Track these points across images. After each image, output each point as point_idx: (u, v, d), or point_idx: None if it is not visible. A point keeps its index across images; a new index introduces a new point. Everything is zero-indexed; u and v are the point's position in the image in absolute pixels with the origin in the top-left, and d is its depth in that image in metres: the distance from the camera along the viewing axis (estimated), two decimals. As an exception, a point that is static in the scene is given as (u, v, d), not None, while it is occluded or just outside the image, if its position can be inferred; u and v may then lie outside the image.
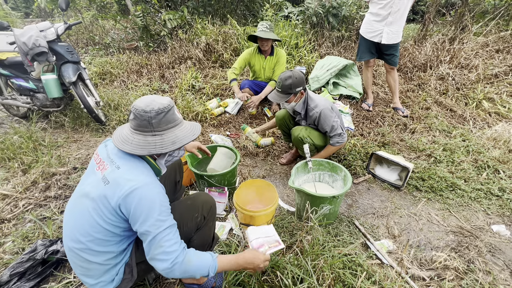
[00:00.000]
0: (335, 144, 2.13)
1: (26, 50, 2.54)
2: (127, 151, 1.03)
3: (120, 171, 1.01)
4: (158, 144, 1.04)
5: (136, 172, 1.02)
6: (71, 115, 3.24)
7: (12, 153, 2.47)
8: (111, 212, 1.00)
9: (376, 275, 1.36)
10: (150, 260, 1.01)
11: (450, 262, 1.50)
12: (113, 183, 0.99)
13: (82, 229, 1.02)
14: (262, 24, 2.95)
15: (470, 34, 4.16)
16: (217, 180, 1.93)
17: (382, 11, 2.78)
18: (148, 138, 1.04)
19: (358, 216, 1.91)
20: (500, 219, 1.88)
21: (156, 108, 1.02)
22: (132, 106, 1.05)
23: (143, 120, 1.02)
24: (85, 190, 1.07)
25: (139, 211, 0.97)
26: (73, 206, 1.10)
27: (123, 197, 0.97)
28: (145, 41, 5.05)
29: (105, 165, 1.06)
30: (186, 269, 1.01)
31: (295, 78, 1.98)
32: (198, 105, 3.28)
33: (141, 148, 1.03)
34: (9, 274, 1.38)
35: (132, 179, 0.99)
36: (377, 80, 3.93)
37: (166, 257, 0.97)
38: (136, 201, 0.96)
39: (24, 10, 10.62)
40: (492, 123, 2.96)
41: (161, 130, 1.05)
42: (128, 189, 0.97)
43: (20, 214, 1.93)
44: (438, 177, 2.18)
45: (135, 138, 1.05)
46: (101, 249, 1.04)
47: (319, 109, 2.05)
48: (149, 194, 0.99)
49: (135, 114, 1.03)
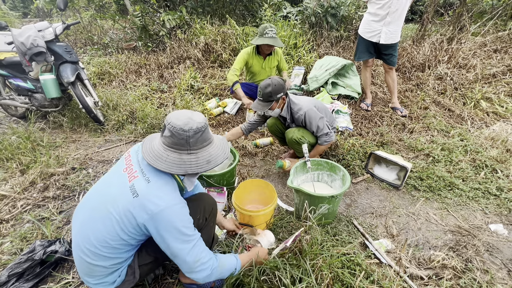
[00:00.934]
0: (323, 144, 2.14)
1: (24, 50, 2.53)
2: (161, 169, 1.01)
3: (150, 186, 1.00)
4: (193, 163, 1.04)
5: (165, 190, 1.02)
6: (70, 115, 3.23)
7: (10, 154, 2.47)
8: (134, 227, 1.00)
9: (375, 274, 1.37)
10: (189, 274, 1.06)
11: (448, 261, 1.51)
12: (142, 198, 0.98)
13: (99, 235, 1.02)
14: (271, 30, 2.84)
15: (468, 34, 4.18)
16: (216, 180, 1.93)
17: (380, 11, 2.79)
18: (183, 156, 1.03)
19: (356, 216, 1.92)
20: (498, 218, 1.88)
21: (195, 128, 1.01)
22: (168, 123, 1.02)
23: (181, 139, 1.01)
24: (110, 192, 1.05)
25: (169, 232, 0.99)
26: (94, 205, 1.08)
27: (151, 216, 0.97)
28: (143, 41, 5.04)
29: (134, 172, 1.05)
30: (221, 272, 1.11)
31: (274, 85, 1.98)
32: (197, 105, 3.28)
33: (178, 167, 1.02)
34: (8, 274, 1.38)
35: (162, 197, 0.99)
36: (376, 80, 3.94)
37: (205, 267, 1.05)
38: (165, 222, 0.98)
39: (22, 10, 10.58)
40: (490, 123, 2.98)
41: (196, 149, 1.05)
42: (157, 208, 0.97)
43: (18, 215, 1.92)
44: (436, 177, 2.19)
45: (169, 155, 1.02)
46: (112, 255, 1.05)
47: (303, 112, 2.06)
48: (178, 215, 1.01)
49: (173, 132, 1.00)
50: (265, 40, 2.83)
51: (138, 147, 1.15)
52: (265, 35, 2.85)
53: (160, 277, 1.45)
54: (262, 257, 1.30)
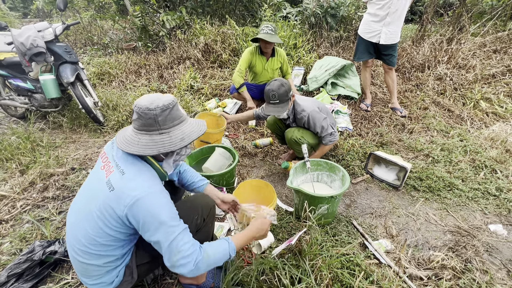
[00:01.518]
0: (328, 143, 2.14)
1: (24, 51, 2.53)
2: (134, 152, 1.00)
3: (124, 177, 0.99)
4: (166, 142, 1.01)
5: (141, 179, 0.99)
6: (69, 116, 3.23)
7: (10, 154, 2.47)
8: (116, 220, 0.99)
9: (374, 274, 1.37)
10: (172, 268, 0.99)
11: (448, 261, 1.51)
12: (118, 191, 0.97)
13: (86, 233, 1.02)
14: (267, 26, 2.85)
15: (467, 35, 4.18)
16: (216, 180, 1.93)
17: (380, 11, 2.79)
18: (154, 137, 1.01)
19: (356, 216, 1.92)
20: (497, 219, 1.89)
21: (161, 105, 0.99)
22: (134, 106, 1.01)
23: (148, 118, 0.99)
24: (91, 191, 1.06)
25: (148, 222, 0.95)
26: (79, 206, 1.09)
27: (128, 207, 0.95)
28: (143, 41, 5.04)
29: (110, 167, 1.04)
30: (209, 263, 1.02)
31: (285, 83, 1.99)
32: (196, 105, 3.28)
33: (150, 148, 1.00)
34: (7, 275, 1.38)
35: (136, 187, 0.96)
36: (375, 80, 3.95)
37: (187, 261, 0.97)
38: (143, 212, 0.95)
39: (22, 10, 10.58)
40: (489, 123, 2.98)
41: (167, 128, 1.02)
42: (132, 199, 0.94)
43: (18, 215, 1.92)
44: (436, 177, 2.19)
45: (141, 138, 1.01)
46: (102, 253, 1.04)
47: (306, 113, 2.07)
48: (155, 203, 0.97)
49: (139, 113, 0.99)
50: (260, 35, 2.83)
51: (111, 143, 1.14)
52: (261, 31, 2.87)
53: (160, 277, 1.45)
54: (264, 227, 1.23)
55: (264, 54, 3.06)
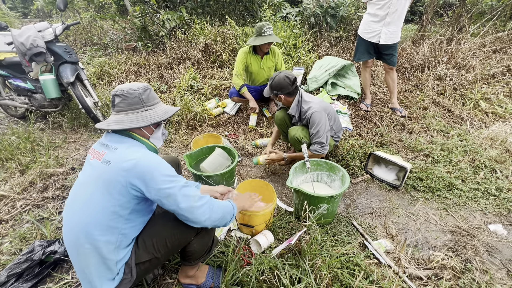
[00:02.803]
0: (313, 151, 2.05)
1: (24, 51, 2.53)
2: (127, 127, 1.08)
3: (119, 151, 1.06)
4: (154, 115, 1.14)
5: (134, 149, 1.08)
6: (69, 116, 3.23)
7: (9, 154, 2.47)
8: (120, 191, 1.02)
9: (374, 274, 1.37)
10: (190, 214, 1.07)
11: (448, 261, 1.51)
12: (115, 162, 1.03)
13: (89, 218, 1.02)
14: (269, 27, 2.79)
15: (467, 35, 4.18)
16: (215, 181, 1.94)
17: (380, 11, 2.79)
18: (142, 113, 1.13)
19: (356, 216, 1.92)
20: (497, 219, 1.89)
21: (142, 86, 1.13)
22: (115, 91, 1.11)
23: (134, 97, 1.11)
24: (84, 182, 1.08)
25: (155, 177, 1.02)
26: (75, 199, 1.09)
27: (130, 170, 1.00)
28: (143, 42, 5.04)
29: (101, 152, 1.09)
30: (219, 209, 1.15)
31: (275, 82, 2.09)
32: (196, 105, 3.28)
33: (141, 122, 1.11)
34: (7, 275, 1.38)
35: (133, 153, 1.04)
36: (375, 80, 3.95)
37: (202, 202, 1.09)
38: (146, 168, 1.02)
39: (22, 10, 10.58)
40: (489, 123, 2.98)
41: (151, 105, 1.16)
42: (132, 161, 1.01)
43: (18, 215, 1.92)
44: (436, 177, 2.19)
45: (128, 118, 1.11)
46: (103, 238, 1.03)
47: (311, 111, 2.06)
48: (155, 160, 1.06)
49: (124, 95, 1.10)
50: (265, 39, 2.78)
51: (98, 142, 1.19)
52: (264, 33, 2.80)
53: (159, 277, 1.45)
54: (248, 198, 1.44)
55: (258, 53, 3.02)
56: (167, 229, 1.17)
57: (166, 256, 1.21)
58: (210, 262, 1.49)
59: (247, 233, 1.71)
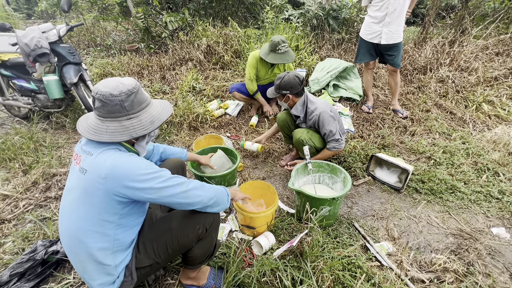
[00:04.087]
0: (332, 149, 2.12)
1: (28, 51, 2.55)
2: (105, 140, 0.97)
3: (94, 156, 0.98)
4: (137, 126, 1.01)
5: (108, 153, 0.98)
6: (72, 116, 3.25)
7: (13, 154, 2.48)
8: (103, 199, 0.96)
9: (376, 277, 1.36)
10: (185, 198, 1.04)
11: (450, 264, 1.50)
12: (91, 168, 0.96)
13: (78, 227, 1.00)
14: (284, 45, 2.73)
15: (470, 37, 4.17)
16: (217, 182, 1.94)
17: (378, 13, 2.80)
18: (124, 123, 1.00)
19: (357, 218, 1.91)
20: (500, 222, 1.88)
21: (125, 90, 0.97)
22: (95, 93, 0.97)
23: (115, 105, 0.97)
24: (69, 187, 1.05)
25: (130, 176, 0.94)
26: (63, 206, 1.08)
27: (108, 178, 0.93)
28: (146, 43, 5.07)
29: (79, 158, 1.03)
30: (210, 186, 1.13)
31: (284, 81, 2.07)
32: (198, 106, 3.29)
33: (121, 134, 0.98)
34: (9, 274, 1.39)
35: (105, 159, 0.96)
36: (377, 82, 3.94)
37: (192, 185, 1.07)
38: (123, 169, 0.94)
39: (26, 11, 10.67)
40: (492, 126, 2.97)
41: (135, 112, 1.02)
42: (107, 168, 0.93)
43: (21, 215, 1.93)
44: (438, 180, 2.18)
45: (109, 126, 0.98)
46: (98, 246, 1.01)
47: (317, 112, 2.06)
48: (129, 159, 0.97)
49: (103, 100, 0.96)
50: (278, 59, 2.78)
51: (79, 142, 1.13)
52: (278, 51, 2.77)
53: (161, 278, 1.45)
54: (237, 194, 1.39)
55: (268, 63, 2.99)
56: (168, 234, 1.14)
57: (167, 260, 1.20)
58: (211, 264, 1.49)
59: (249, 234, 1.71)
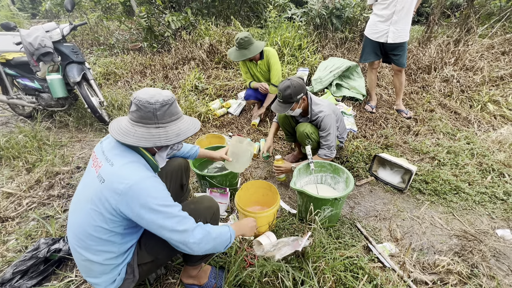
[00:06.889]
0: (322, 156, 2.06)
1: (32, 50, 2.57)
2: (129, 143, 1.01)
3: (114, 168, 1.00)
4: (162, 136, 1.04)
5: (131, 168, 1.00)
6: (75, 115, 3.27)
7: (16, 152, 2.50)
8: (111, 212, 0.99)
9: (378, 278, 1.35)
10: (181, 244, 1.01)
11: (454, 266, 1.49)
12: (108, 182, 0.98)
13: (83, 230, 1.03)
14: (243, 40, 2.70)
15: (475, 36, 4.12)
16: (219, 181, 1.94)
17: (385, 11, 2.76)
18: (151, 130, 1.03)
19: (360, 219, 1.90)
20: (505, 223, 1.85)
21: (161, 100, 1.02)
22: (134, 98, 1.02)
23: (148, 111, 1.01)
24: (84, 189, 1.07)
25: (144, 210, 0.96)
26: (74, 206, 1.11)
27: (121, 196, 0.95)
28: (149, 42, 5.08)
29: (99, 162, 1.05)
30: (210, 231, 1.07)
31: (294, 87, 1.94)
32: (201, 105, 3.29)
33: (146, 140, 1.02)
34: (12, 272, 1.40)
35: (127, 176, 0.97)
36: (381, 82, 3.91)
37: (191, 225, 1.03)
38: (137, 199, 0.95)
39: (31, 11, 10.76)
40: (497, 126, 2.93)
41: (165, 123, 1.05)
42: (123, 187, 0.95)
43: (24, 213, 1.95)
44: (442, 180, 2.16)
45: (137, 130, 1.02)
46: (102, 249, 1.04)
47: (323, 114, 2.03)
48: (148, 188, 0.98)
49: (139, 106, 1.01)
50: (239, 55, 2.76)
51: (99, 143, 1.16)
52: (238, 47, 2.75)
53: (162, 277, 1.45)
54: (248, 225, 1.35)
55: (253, 60, 2.92)
56: None
57: (168, 256, 1.21)
58: (212, 263, 1.49)
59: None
